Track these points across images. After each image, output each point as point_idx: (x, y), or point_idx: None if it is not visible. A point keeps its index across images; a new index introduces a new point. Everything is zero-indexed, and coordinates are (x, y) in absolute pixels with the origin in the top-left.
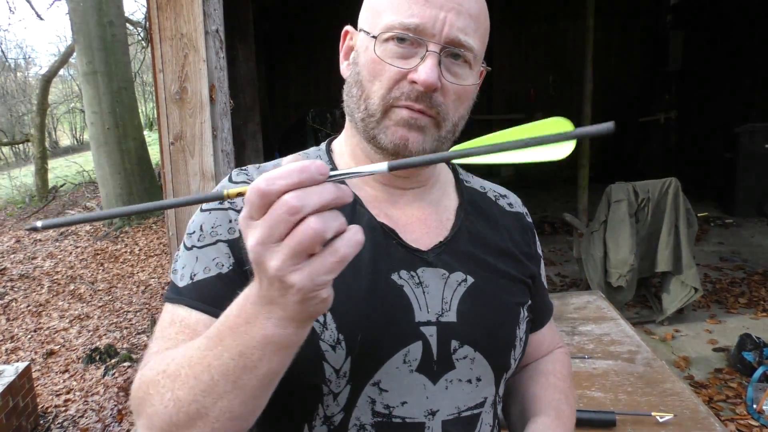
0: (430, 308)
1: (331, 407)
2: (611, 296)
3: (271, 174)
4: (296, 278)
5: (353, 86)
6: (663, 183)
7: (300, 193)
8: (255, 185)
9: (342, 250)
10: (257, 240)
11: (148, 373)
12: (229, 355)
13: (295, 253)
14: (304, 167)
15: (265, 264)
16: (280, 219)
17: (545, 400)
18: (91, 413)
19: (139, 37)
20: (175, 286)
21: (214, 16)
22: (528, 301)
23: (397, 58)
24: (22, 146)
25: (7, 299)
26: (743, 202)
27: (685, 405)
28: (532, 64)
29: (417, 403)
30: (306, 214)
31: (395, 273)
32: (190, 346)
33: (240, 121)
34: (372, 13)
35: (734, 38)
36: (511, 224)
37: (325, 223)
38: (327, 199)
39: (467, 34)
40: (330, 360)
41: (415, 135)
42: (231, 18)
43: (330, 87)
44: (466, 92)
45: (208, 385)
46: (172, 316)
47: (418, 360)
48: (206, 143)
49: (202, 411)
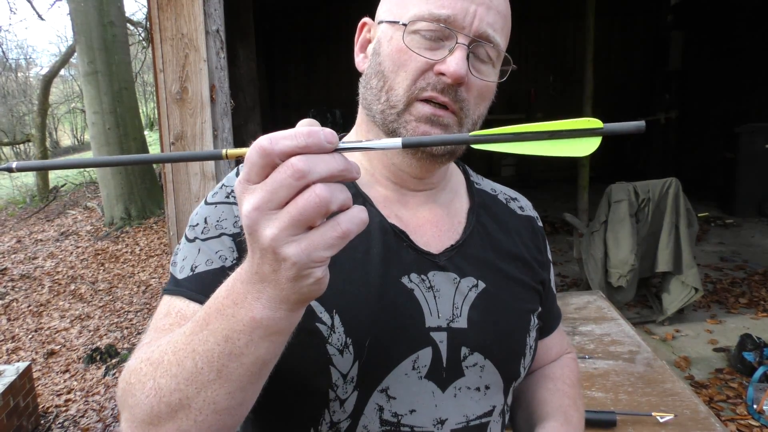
0: (441, 313)
1: (337, 413)
2: (612, 296)
3: (277, 133)
4: (292, 250)
5: (372, 77)
6: (663, 183)
7: (309, 158)
8: (257, 143)
9: (344, 225)
10: (254, 204)
11: (133, 363)
12: (215, 340)
13: (294, 222)
14: (312, 131)
15: (259, 232)
16: (283, 182)
17: (553, 405)
18: (92, 413)
19: (140, 37)
20: (174, 278)
21: (215, 16)
22: (538, 308)
23: (425, 49)
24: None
25: (8, 299)
26: (743, 202)
27: (685, 405)
28: (532, 64)
29: (426, 412)
30: (312, 180)
31: (405, 276)
32: (176, 333)
33: (240, 121)
34: (397, 3)
35: (734, 38)
36: (523, 228)
37: (333, 193)
38: (336, 169)
39: (495, 30)
40: (337, 364)
41: (437, 132)
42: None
43: (330, 87)
44: (488, 90)
45: (192, 372)
46: (169, 307)
47: (427, 366)
48: (207, 143)
49: (184, 401)
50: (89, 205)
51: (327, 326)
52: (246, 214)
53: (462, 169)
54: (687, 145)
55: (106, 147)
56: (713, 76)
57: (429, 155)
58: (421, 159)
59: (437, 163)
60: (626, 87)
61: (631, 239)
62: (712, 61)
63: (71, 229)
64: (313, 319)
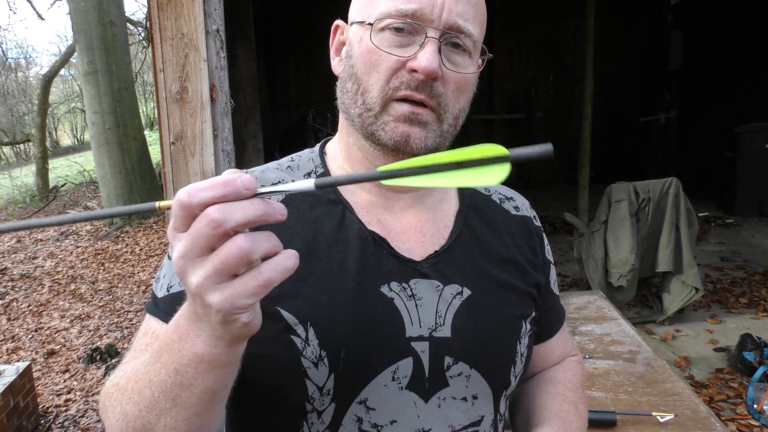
0: (423, 323)
1: (315, 425)
2: (612, 296)
3: (195, 185)
4: (216, 298)
5: (347, 81)
6: (663, 183)
7: (224, 207)
8: (177, 196)
9: (266, 274)
10: (180, 252)
11: (108, 384)
12: (166, 372)
13: (216, 272)
14: (228, 180)
15: (187, 279)
16: (201, 232)
17: (552, 410)
18: (92, 413)
19: (140, 37)
20: (154, 295)
21: (215, 16)
22: (531, 314)
23: (395, 47)
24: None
25: (8, 299)
26: (743, 202)
27: (685, 405)
28: (532, 64)
29: (407, 423)
30: (229, 228)
31: (385, 285)
32: (138, 360)
33: (240, 121)
34: (366, 3)
35: (734, 38)
36: (516, 230)
37: (254, 243)
38: (253, 215)
39: (466, 19)
40: (312, 377)
41: (416, 131)
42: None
43: (330, 87)
44: (466, 82)
45: (150, 401)
46: (146, 326)
47: (408, 377)
48: (207, 143)
49: (147, 426)
50: (89, 205)
51: (302, 339)
52: (174, 261)
53: None
54: (687, 145)
55: (106, 147)
56: (713, 76)
57: (411, 155)
58: (404, 157)
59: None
60: (626, 87)
61: (632, 239)
62: (712, 61)
63: (71, 228)
64: (288, 332)
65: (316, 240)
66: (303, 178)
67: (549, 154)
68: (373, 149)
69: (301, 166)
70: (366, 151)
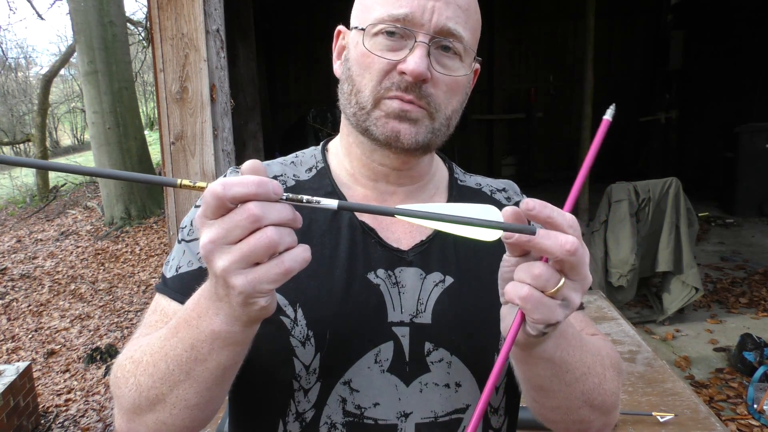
0: (404, 309)
1: (302, 403)
2: (612, 296)
3: (230, 180)
4: (239, 281)
5: (344, 82)
6: (664, 183)
7: (263, 205)
8: (212, 187)
9: (287, 264)
10: (210, 238)
11: (121, 358)
12: (183, 347)
13: (244, 258)
14: (262, 182)
15: (213, 262)
16: (239, 224)
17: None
18: (92, 413)
19: (140, 36)
20: (164, 276)
21: (215, 16)
22: None
23: (387, 51)
24: (22, 146)
25: (8, 299)
26: (744, 202)
27: (685, 405)
28: (532, 64)
29: (389, 405)
30: (263, 225)
31: (372, 272)
32: (154, 335)
33: (241, 121)
34: (362, 9)
35: (734, 38)
36: None
37: (282, 236)
38: (285, 218)
39: (457, 23)
40: (299, 356)
41: (406, 127)
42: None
43: (330, 87)
44: (457, 84)
45: (165, 373)
46: (156, 304)
47: (389, 360)
48: (207, 143)
49: (160, 397)
50: (89, 205)
51: (290, 319)
52: (203, 245)
53: (447, 165)
54: (687, 145)
55: (106, 146)
56: (713, 76)
57: (402, 150)
58: (397, 152)
59: (412, 156)
60: (626, 87)
61: (632, 239)
62: (712, 61)
63: (71, 228)
64: (278, 312)
65: (310, 228)
66: (305, 172)
67: (532, 234)
68: (370, 144)
69: (304, 161)
70: (364, 147)
